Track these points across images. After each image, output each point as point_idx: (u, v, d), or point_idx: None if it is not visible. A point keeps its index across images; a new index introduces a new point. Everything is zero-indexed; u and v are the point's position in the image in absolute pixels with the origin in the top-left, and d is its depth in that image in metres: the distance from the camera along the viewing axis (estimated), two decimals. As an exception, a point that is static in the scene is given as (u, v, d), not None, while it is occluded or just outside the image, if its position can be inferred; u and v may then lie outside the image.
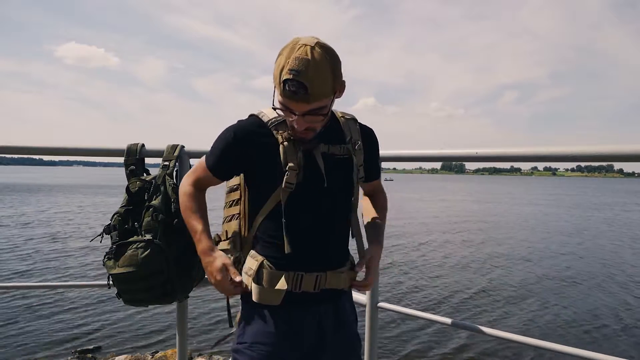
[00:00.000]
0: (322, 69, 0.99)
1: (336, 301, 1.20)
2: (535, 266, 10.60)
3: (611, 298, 8.03)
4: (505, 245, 13.50)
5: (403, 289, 8.29)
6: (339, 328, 1.20)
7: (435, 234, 15.32)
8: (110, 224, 1.43)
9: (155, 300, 1.42)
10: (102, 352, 5.27)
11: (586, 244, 14.02)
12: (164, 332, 5.85)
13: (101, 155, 1.68)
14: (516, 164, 43.17)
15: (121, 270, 1.34)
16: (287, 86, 0.99)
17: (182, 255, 1.45)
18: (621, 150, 1.11)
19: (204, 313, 6.42)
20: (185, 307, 1.67)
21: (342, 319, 1.22)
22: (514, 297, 7.96)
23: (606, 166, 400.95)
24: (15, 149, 1.67)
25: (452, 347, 5.66)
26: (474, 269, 10.14)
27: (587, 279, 9.45)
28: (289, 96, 1.00)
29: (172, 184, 1.49)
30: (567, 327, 6.57)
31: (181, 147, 1.58)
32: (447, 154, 1.50)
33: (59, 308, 6.64)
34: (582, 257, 11.91)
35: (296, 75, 0.97)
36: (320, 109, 1.04)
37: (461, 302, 7.63)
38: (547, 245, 13.67)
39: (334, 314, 1.20)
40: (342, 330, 1.21)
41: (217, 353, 4.98)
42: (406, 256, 11.34)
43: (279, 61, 1.02)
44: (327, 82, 1.01)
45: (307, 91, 0.98)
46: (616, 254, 12.29)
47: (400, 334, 5.99)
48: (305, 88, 0.98)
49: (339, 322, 1.20)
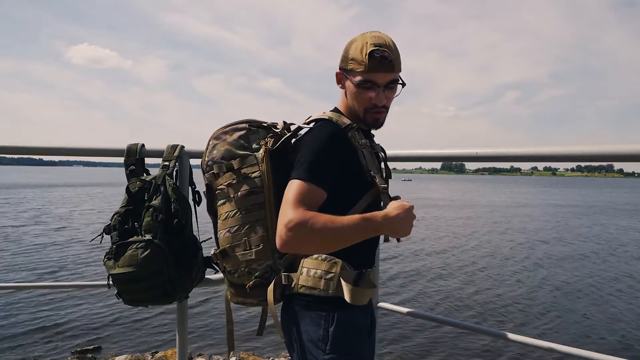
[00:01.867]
0: (395, 46, 1.15)
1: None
2: (538, 266, 10.60)
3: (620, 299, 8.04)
4: (507, 245, 13.50)
5: (403, 289, 8.29)
6: (372, 328, 1.25)
7: (436, 234, 15.33)
8: (110, 224, 1.42)
9: (155, 300, 1.42)
10: (102, 352, 5.27)
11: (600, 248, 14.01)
12: (164, 332, 5.85)
13: (101, 155, 1.68)
14: (516, 164, 43.12)
15: (121, 270, 1.34)
16: (376, 54, 1.10)
17: (182, 255, 1.45)
18: (621, 150, 1.11)
19: (204, 313, 6.42)
20: (185, 307, 1.66)
21: (372, 320, 1.26)
22: (514, 298, 7.96)
23: (606, 166, 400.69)
24: (16, 149, 1.67)
25: (452, 347, 5.66)
26: (474, 269, 10.13)
27: (587, 279, 9.46)
28: (376, 65, 1.11)
29: (172, 184, 1.48)
30: (567, 327, 6.57)
31: (181, 147, 1.58)
32: (447, 154, 1.50)
33: (59, 308, 6.64)
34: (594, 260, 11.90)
35: (380, 46, 1.11)
36: (396, 81, 1.16)
37: (461, 302, 7.63)
38: (546, 244, 13.68)
39: (370, 314, 1.24)
40: (372, 330, 1.26)
41: (217, 353, 4.98)
42: (406, 256, 11.33)
43: (356, 46, 1.14)
44: (400, 58, 1.16)
45: (391, 61, 1.12)
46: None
47: (400, 334, 5.99)
48: (389, 58, 1.11)
49: (372, 323, 1.25)
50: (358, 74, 1.13)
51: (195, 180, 1.62)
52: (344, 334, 1.10)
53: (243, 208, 1.17)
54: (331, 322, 1.10)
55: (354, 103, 1.18)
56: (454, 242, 13.88)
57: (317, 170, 1.04)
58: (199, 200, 1.55)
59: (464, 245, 13.34)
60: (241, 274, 1.18)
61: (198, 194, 1.56)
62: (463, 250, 12.50)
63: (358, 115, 1.18)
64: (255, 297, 1.19)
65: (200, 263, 1.53)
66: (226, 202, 1.19)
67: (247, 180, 1.17)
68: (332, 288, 1.09)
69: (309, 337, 1.11)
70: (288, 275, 1.15)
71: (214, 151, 1.23)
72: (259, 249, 1.16)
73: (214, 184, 1.22)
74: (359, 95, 1.15)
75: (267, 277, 1.16)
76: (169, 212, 1.44)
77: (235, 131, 1.23)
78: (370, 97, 1.14)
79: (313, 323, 1.11)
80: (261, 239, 1.16)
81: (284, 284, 1.15)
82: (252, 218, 1.17)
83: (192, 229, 1.53)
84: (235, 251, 1.17)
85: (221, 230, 1.20)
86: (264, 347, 5.41)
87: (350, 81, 1.16)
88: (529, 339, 1.31)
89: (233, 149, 1.21)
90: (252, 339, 5.60)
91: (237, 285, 1.22)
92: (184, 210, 1.47)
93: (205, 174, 1.24)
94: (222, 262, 1.21)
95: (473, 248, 12.96)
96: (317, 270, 1.11)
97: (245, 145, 1.21)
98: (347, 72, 1.17)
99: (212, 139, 1.25)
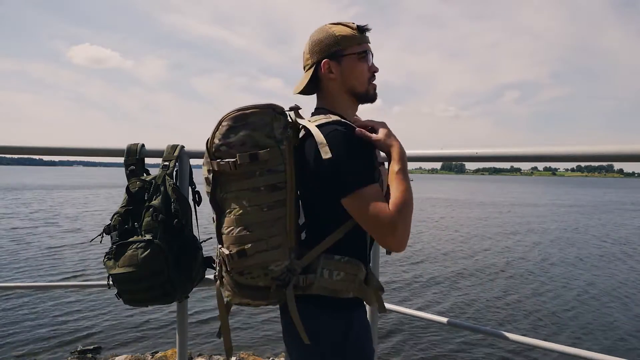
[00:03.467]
0: None
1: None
2: (538, 266, 10.60)
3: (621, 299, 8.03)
4: (508, 245, 13.50)
5: (403, 289, 8.28)
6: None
7: (438, 234, 15.33)
8: (110, 224, 1.42)
9: (155, 300, 1.42)
10: (102, 352, 5.27)
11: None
12: (164, 332, 5.85)
13: (101, 155, 1.67)
14: (516, 164, 42.15)
15: (121, 270, 1.34)
16: (364, 27, 1.21)
17: (182, 255, 1.45)
18: (621, 150, 1.11)
19: (204, 313, 6.42)
20: (185, 307, 1.66)
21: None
22: (515, 297, 7.95)
23: (606, 166, 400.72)
24: (16, 149, 1.67)
25: (452, 347, 5.65)
26: (474, 269, 10.13)
27: (586, 279, 9.45)
28: (365, 36, 1.22)
29: (172, 184, 1.48)
30: (568, 327, 6.56)
31: (181, 147, 1.58)
32: (447, 154, 1.50)
33: (59, 308, 6.64)
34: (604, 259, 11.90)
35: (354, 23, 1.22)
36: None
37: (462, 302, 7.63)
38: (545, 244, 13.68)
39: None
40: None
41: (217, 353, 4.98)
42: (406, 255, 11.33)
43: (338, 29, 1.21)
44: None
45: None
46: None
47: (400, 334, 5.99)
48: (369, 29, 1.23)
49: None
50: (356, 47, 1.20)
51: (196, 180, 1.62)
52: (363, 336, 1.14)
53: (266, 204, 1.07)
54: (350, 325, 1.12)
55: (356, 80, 1.22)
56: (454, 242, 13.88)
57: (370, 172, 1.09)
58: (199, 200, 1.55)
59: (464, 245, 13.33)
60: (257, 276, 1.08)
61: (198, 194, 1.56)
62: (464, 250, 12.49)
63: (357, 95, 1.24)
64: (270, 298, 1.12)
65: (200, 263, 1.53)
66: (244, 196, 1.07)
67: (272, 174, 1.07)
68: (353, 290, 1.12)
69: (327, 339, 1.11)
70: (306, 276, 1.11)
71: (232, 135, 1.07)
72: (278, 250, 1.08)
73: (227, 173, 1.08)
74: (360, 68, 1.21)
75: (283, 278, 1.10)
76: (169, 212, 1.43)
77: (258, 115, 1.08)
78: (370, 66, 1.23)
79: (332, 324, 1.11)
80: (281, 238, 1.08)
81: (301, 285, 1.12)
82: (274, 215, 1.07)
83: (192, 229, 1.53)
84: (256, 251, 1.06)
85: (232, 227, 1.08)
86: (264, 347, 5.41)
87: (349, 59, 1.20)
88: (529, 339, 1.31)
89: (256, 137, 1.07)
90: (252, 339, 5.60)
91: (244, 286, 1.11)
92: (184, 210, 1.47)
93: (215, 159, 1.10)
94: (237, 264, 1.08)
95: (473, 248, 12.95)
96: (340, 272, 1.11)
97: (270, 134, 1.08)
98: (339, 53, 1.20)
99: (227, 120, 1.09)
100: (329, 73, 1.21)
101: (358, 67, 1.21)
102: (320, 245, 1.12)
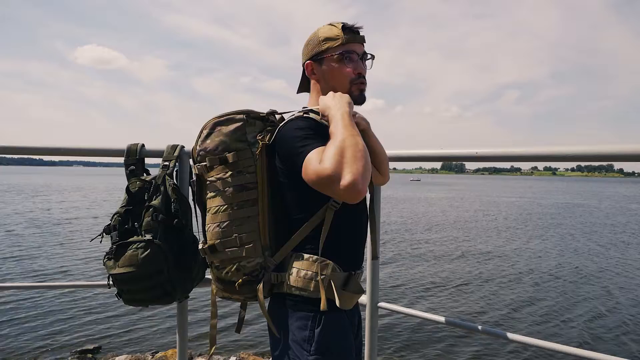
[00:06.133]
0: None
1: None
2: (539, 267, 10.60)
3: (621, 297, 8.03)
4: (509, 245, 13.50)
5: (403, 289, 8.29)
6: (357, 330, 1.24)
7: (439, 234, 15.33)
8: (110, 224, 1.42)
9: (155, 300, 1.41)
10: (102, 352, 5.27)
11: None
12: (164, 332, 5.86)
13: (101, 155, 1.67)
14: (516, 163, 43.25)
15: (121, 270, 1.34)
16: (348, 26, 1.18)
17: (182, 255, 1.45)
18: (621, 150, 1.11)
19: (204, 313, 6.42)
20: (185, 307, 1.66)
21: (358, 320, 1.25)
22: (515, 297, 7.96)
23: (606, 166, 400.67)
24: (15, 149, 1.67)
25: (452, 347, 5.66)
26: (475, 269, 10.13)
27: (586, 279, 9.45)
28: (352, 37, 1.18)
29: (172, 184, 1.48)
30: (568, 326, 6.56)
31: (181, 147, 1.58)
32: (447, 154, 1.49)
33: (59, 308, 6.65)
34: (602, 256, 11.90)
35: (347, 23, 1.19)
36: (368, 55, 1.23)
37: (462, 302, 7.63)
38: (547, 243, 13.68)
39: (357, 315, 1.25)
40: (358, 332, 1.25)
41: (217, 353, 4.98)
42: (407, 255, 11.33)
43: (324, 30, 1.20)
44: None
45: (361, 33, 1.21)
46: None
47: (400, 334, 5.99)
48: (360, 30, 1.20)
49: (358, 324, 1.25)
50: (337, 49, 1.18)
51: (196, 180, 1.62)
52: (330, 336, 1.10)
53: (235, 203, 1.13)
54: (317, 323, 1.09)
55: (336, 82, 1.20)
56: (455, 242, 13.88)
57: (312, 139, 1.05)
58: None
59: (464, 245, 13.33)
60: (230, 271, 1.14)
61: (198, 194, 1.56)
62: (464, 250, 12.49)
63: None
64: (243, 294, 1.16)
65: (200, 263, 1.52)
66: (217, 195, 1.15)
67: (241, 175, 1.13)
68: (321, 290, 1.08)
69: (294, 337, 1.10)
70: (277, 274, 1.14)
71: (207, 141, 1.16)
72: (249, 247, 1.12)
73: (205, 176, 1.17)
74: (342, 70, 1.19)
75: (256, 274, 1.13)
76: (169, 212, 1.43)
77: (231, 122, 1.16)
78: (353, 68, 1.19)
79: (300, 323, 1.10)
80: (252, 235, 1.12)
81: (273, 282, 1.14)
82: (244, 214, 1.13)
83: (192, 229, 1.53)
84: (225, 247, 1.13)
85: (210, 224, 1.16)
86: (264, 346, 5.41)
87: (329, 60, 1.19)
88: (529, 339, 1.31)
89: (228, 141, 1.14)
90: (252, 339, 5.60)
91: (224, 281, 1.18)
92: (184, 210, 1.47)
93: (196, 164, 1.20)
94: (211, 257, 1.17)
95: (474, 248, 12.95)
96: (307, 271, 1.10)
97: (242, 138, 1.15)
98: (321, 54, 1.20)
99: (206, 128, 1.18)
100: (312, 74, 1.23)
101: (339, 69, 1.19)
102: (288, 243, 1.14)
